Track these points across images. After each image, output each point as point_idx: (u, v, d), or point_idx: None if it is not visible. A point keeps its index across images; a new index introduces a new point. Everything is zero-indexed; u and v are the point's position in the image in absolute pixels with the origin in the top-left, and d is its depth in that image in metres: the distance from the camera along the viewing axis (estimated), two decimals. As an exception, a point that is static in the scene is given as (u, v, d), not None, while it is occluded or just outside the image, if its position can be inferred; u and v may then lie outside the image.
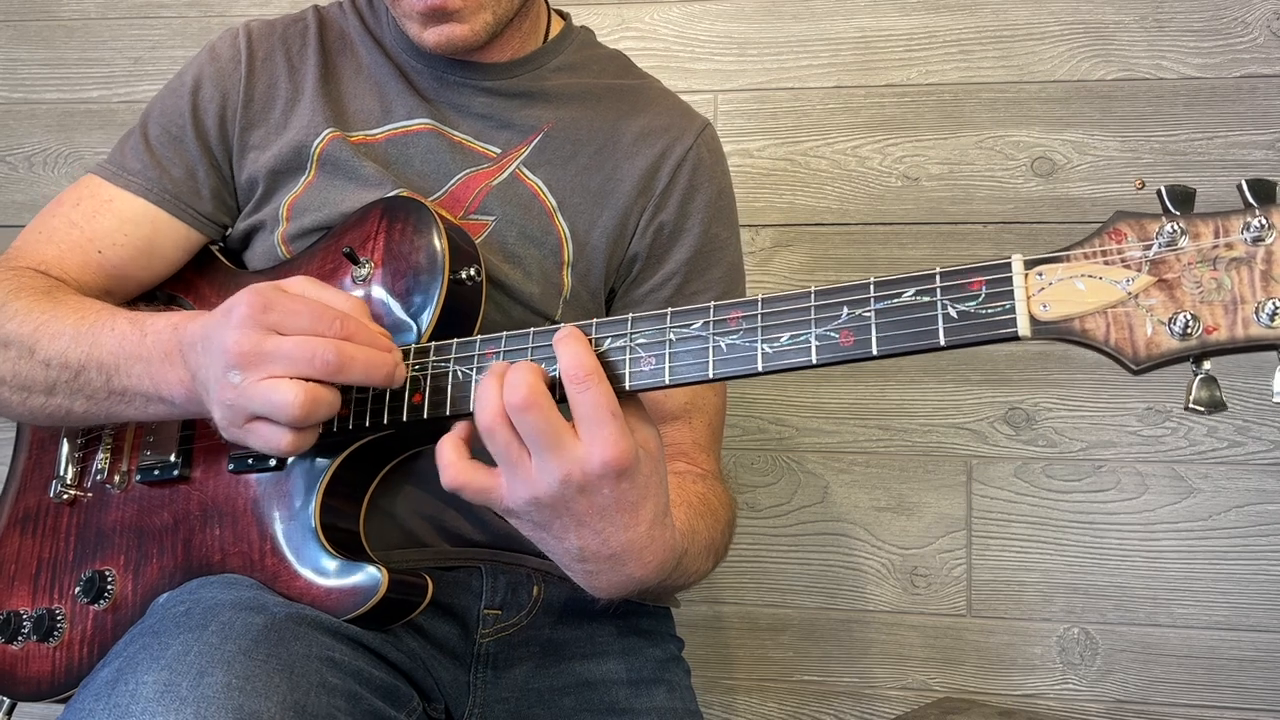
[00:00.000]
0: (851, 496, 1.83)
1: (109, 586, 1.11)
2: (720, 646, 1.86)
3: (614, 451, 0.84)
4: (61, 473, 1.20)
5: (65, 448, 1.21)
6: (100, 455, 1.19)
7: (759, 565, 1.84)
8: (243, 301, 0.93)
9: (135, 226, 1.23)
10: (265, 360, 0.91)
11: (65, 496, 1.18)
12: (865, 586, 1.82)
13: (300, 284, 0.98)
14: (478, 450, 0.90)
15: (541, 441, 0.84)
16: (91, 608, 1.12)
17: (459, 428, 0.92)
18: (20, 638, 1.14)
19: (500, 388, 0.86)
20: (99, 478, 1.18)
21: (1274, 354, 0.71)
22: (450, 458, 0.90)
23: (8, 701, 1.19)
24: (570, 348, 0.86)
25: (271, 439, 0.94)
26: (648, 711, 1.19)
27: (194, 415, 1.04)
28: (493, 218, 1.21)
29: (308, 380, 0.92)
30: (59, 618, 1.13)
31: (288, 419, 0.91)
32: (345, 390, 0.98)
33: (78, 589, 1.13)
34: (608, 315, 1.28)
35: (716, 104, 1.91)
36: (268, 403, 0.91)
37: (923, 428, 1.82)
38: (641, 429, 0.89)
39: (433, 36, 1.16)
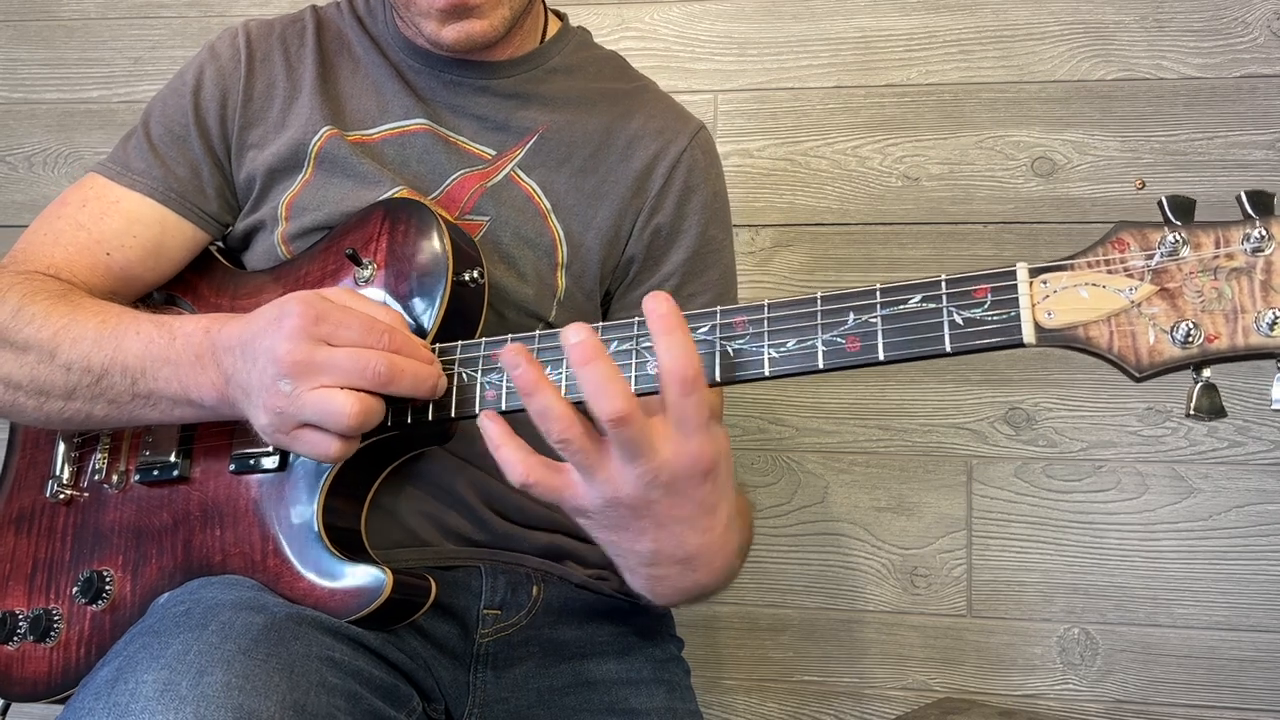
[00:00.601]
0: (851, 496, 1.84)
1: (107, 587, 1.11)
2: (720, 646, 1.86)
3: (704, 452, 0.83)
4: (58, 472, 1.20)
5: (61, 447, 1.21)
6: (97, 455, 1.19)
7: (759, 565, 1.84)
8: (294, 312, 0.94)
9: (144, 227, 1.22)
10: (318, 371, 0.93)
11: (61, 496, 1.18)
12: (865, 586, 1.83)
13: (343, 295, 1.00)
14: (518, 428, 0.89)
15: (636, 450, 0.82)
16: (89, 608, 1.12)
17: (497, 422, 0.88)
18: (16, 638, 1.14)
19: (553, 392, 0.83)
20: (96, 477, 1.18)
21: (1274, 361, 0.72)
22: (516, 455, 0.86)
23: (3, 702, 1.19)
24: (678, 343, 0.81)
25: (319, 446, 0.95)
26: (648, 711, 1.19)
27: (223, 418, 1.04)
28: (487, 218, 1.21)
29: (359, 391, 0.93)
30: (56, 618, 1.13)
31: (341, 428, 0.93)
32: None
33: (75, 589, 1.13)
34: (604, 317, 1.29)
35: (716, 104, 1.91)
36: (321, 412, 0.93)
37: (923, 428, 1.82)
38: (714, 426, 0.87)
39: (451, 33, 1.16)
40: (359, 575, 1.01)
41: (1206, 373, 0.73)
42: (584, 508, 0.87)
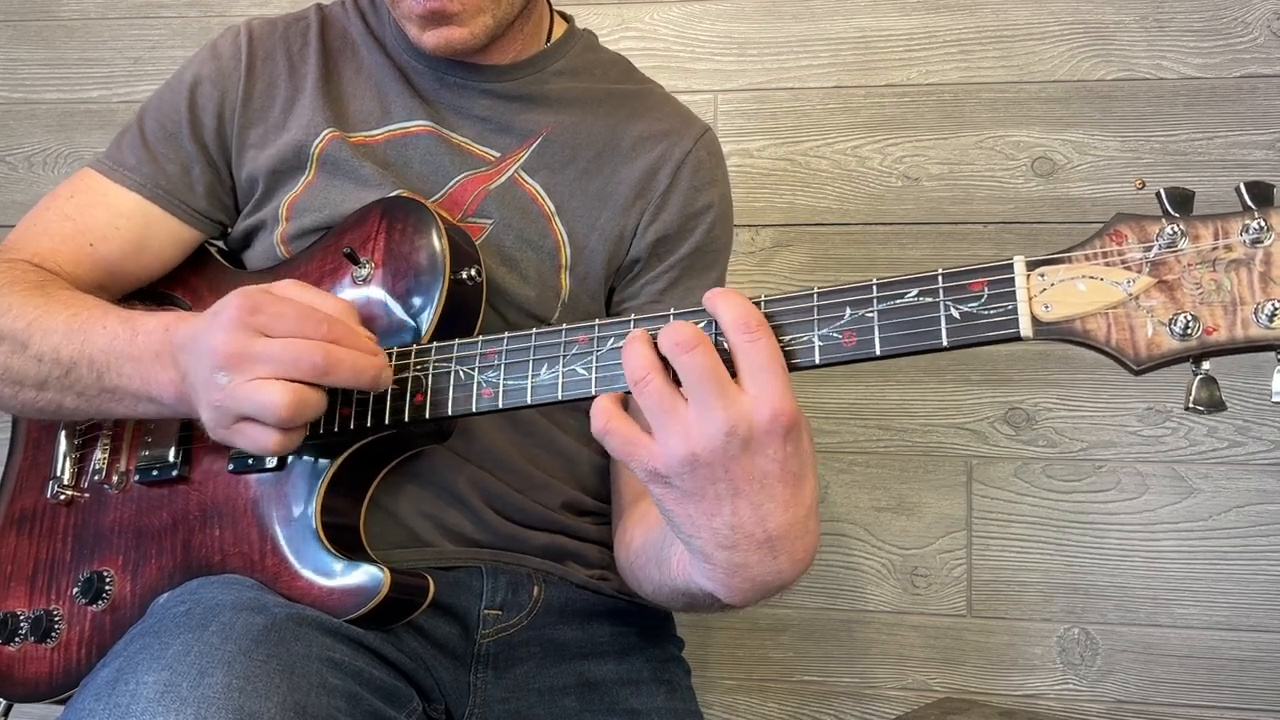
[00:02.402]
0: (851, 496, 1.83)
1: (107, 587, 1.11)
2: (720, 646, 1.86)
3: (784, 404, 0.78)
4: (58, 473, 1.20)
5: (62, 447, 1.21)
6: (98, 455, 1.19)
7: (759, 565, 1.84)
8: (230, 304, 0.95)
9: (127, 220, 1.23)
10: (252, 362, 0.93)
11: (62, 497, 1.18)
12: (865, 586, 1.82)
13: (288, 287, 1.00)
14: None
15: (707, 385, 0.78)
16: (90, 609, 1.12)
17: (609, 395, 0.86)
18: (18, 639, 1.14)
19: (648, 341, 0.82)
20: (96, 478, 1.18)
21: (1273, 355, 0.72)
22: (604, 404, 0.84)
23: (4, 702, 1.19)
24: (733, 300, 0.80)
25: (259, 439, 0.95)
26: (648, 712, 1.19)
27: (184, 415, 1.05)
28: (491, 221, 1.21)
29: (294, 382, 0.93)
30: (56, 619, 1.13)
31: (275, 420, 0.93)
32: (342, 392, 0.99)
33: (76, 590, 1.13)
34: (608, 315, 1.29)
35: (716, 104, 1.91)
36: (254, 404, 0.92)
37: (923, 428, 1.82)
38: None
39: (431, 39, 1.16)
40: (357, 574, 1.01)
41: (1206, 365, 0.73)
42: (658, 469, 0.81)
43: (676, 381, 0.80)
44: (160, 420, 1.15)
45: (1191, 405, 0.72)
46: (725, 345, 0.81)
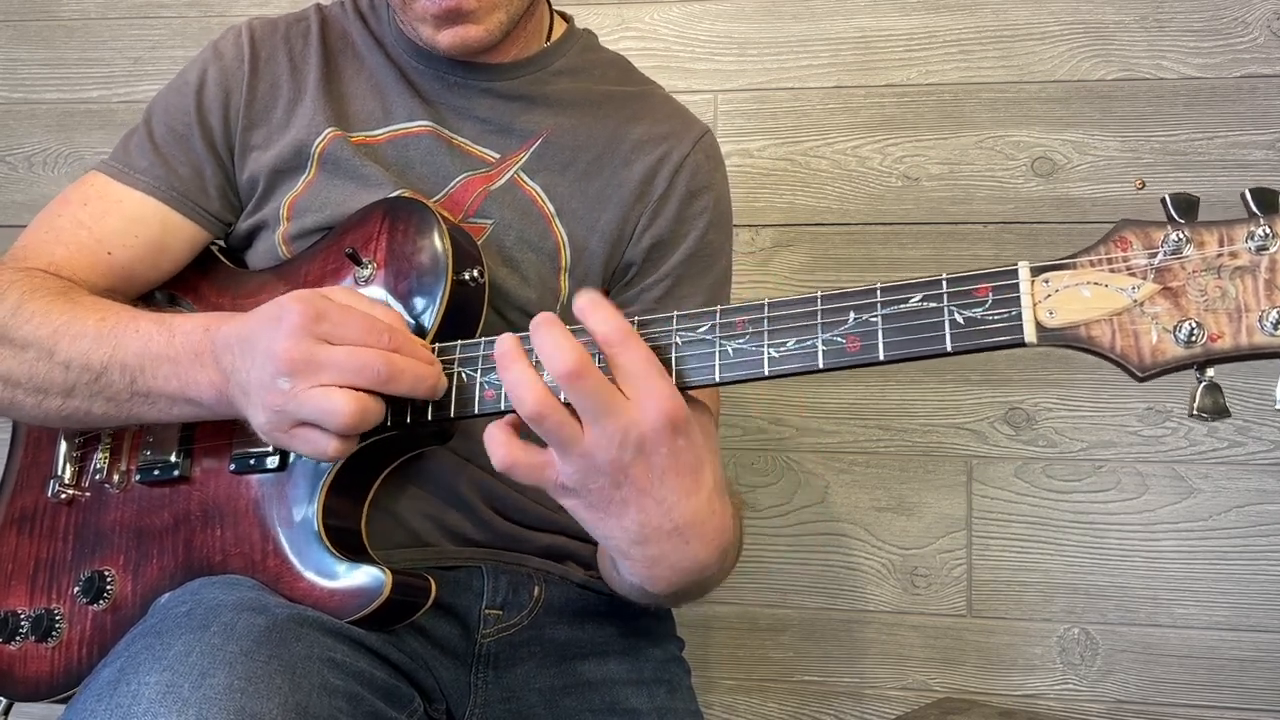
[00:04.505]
0: (851, 496, 1.83)
1: (108, 587, 1.11)
2: (720, 646, 1.86)
3: (667, 403, 0.82)
4: (59, 472, 1.20)
5: (63, 446, 1.21)
6: (99, 454, 1.18)
7: (759, 565, 1.84)
8: (294, 310, 0.94)
9: (145, 226, 1.22)
10: (318, 369, 0.92)
11: (63, 496, 1.18)
12: (865, 586, 1.83)
13: (343, 294, 0.99)
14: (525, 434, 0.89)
15: (598, 407, 0.82)
16: (91, 608, 1.12)
17: (505, 418, 0.89)
18: (18, 637, 1.14)
19: (530, 367, 0.85)
20: (97, 477, 1.18)
21: (1277, 361, 0.71)
22: (501, 438, 0.86)
23: (4, 701, 1.19)
24: (601, 313, 0.84)
25: (318, 445, 0.95)
26: (649, 711, 1.19)
27: (221, 417, 1.04)
28: (491, 221, 1.21)
29: (357, 390, 0.93)
30: (57, 618, 1.13)
31: (338, 427, 0.93)
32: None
33: (77, 589, 1.12)
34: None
35: (716, 104, 1.91)
36: (319, 410, 0.92)
37: (923, 428, 1.82)
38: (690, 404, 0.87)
39: (447, 38, 1.16)
40: (358, 575, 1.01)
41: (1210, 372, 0.72)
42: (564, 485, 0.86)
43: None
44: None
45: (1196, 412, 0.72)
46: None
